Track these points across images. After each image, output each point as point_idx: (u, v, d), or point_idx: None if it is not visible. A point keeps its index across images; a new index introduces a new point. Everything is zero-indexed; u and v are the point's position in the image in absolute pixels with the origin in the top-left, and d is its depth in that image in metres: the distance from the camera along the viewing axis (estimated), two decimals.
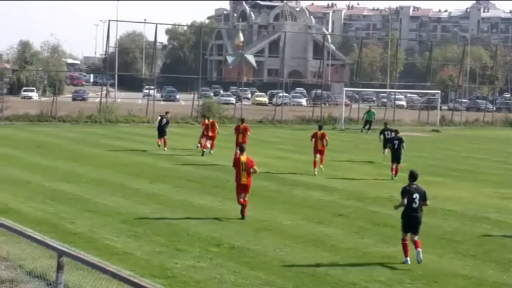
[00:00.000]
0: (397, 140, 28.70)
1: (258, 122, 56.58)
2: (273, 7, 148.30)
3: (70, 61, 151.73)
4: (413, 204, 15.24)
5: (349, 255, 15.84)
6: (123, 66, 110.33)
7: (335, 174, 29.08)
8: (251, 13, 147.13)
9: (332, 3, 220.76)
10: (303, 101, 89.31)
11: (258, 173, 20.05)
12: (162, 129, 36.12)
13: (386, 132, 32.56)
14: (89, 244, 15.66)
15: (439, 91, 70.06)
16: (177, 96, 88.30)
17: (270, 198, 22.94)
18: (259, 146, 35.90)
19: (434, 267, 15.22)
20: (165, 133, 35.97)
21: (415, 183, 15.42)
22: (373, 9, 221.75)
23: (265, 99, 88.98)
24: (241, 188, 19.25)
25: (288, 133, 51.41)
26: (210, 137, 34.32)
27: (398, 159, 28.34)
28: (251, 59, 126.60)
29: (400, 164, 28.30)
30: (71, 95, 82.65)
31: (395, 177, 27.97)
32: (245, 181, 19.21)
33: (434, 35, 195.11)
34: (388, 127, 33.63)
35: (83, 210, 19.61)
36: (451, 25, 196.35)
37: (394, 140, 28.92)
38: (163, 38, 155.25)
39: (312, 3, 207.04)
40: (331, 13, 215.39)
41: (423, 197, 15.32)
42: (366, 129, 53.69)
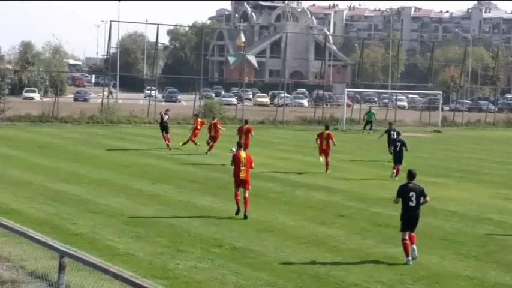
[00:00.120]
0: (399, 142, 29.08)
1: (260, 123, 56.56)
2: (275, 8, 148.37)
3: (72, 62, 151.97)
4: (410, 203, 15.43)
5: (351, 256, 15.83)
6: (124, 67, 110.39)
7: (337, 175, 29.06)
8: (252, 14, 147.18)
9: (333, 3, 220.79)
10: (305, 102, 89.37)
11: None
12: (166, 125, 37.17)
13: (392, 132, 32.95)
14: (91, 245, 15.66)
15: (441, 92, 70.02)
16: (179, 97, 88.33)
17: (272, 199, 22.93)
18: (261, 147, 35.88)
19: (436, 268, 15.21)
20: (168, 130, 37.12)
21: (413, 182, 15.59)
22: (374, 9, 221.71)
23: (266, 100, 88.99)
24: (239, 182, 19.50)
25: (290, 134, 51.42)
26: (213, 137, 34.60)
27: (400, 160, 28.66)
28: (252, 60, 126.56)
29: (402, 165, 28.32)
30: (73, 96, 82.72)
31: (396, 177, 27.97)
32: (244, 176, 19.49)
33: (435, 36, 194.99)
34: (393, 127, 33.98)
35: (85, 211, 19.61)
36: (453, 26, 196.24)
37: (397, 142, 29.36)
38: (164, 39, 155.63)
39: (314, 3, 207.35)
40: (332, 14, 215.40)
41: (421, 195, 15.48)
42: (368, 129, 53.94)
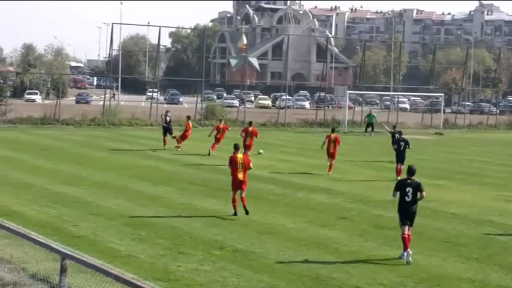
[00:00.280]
0: (403, 142, 29.43)
1: (262, 125, 56.53)
2: (277, 10, 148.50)
3: (73, 64, 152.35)
4: (406, 197, 15.83)
5: (352, 258, 15.82)
6: (126, 69, 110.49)
7: (338, 177, 29.07)
8: (254, 16, 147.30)
9: (335, 6, 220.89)
10: (306, 104, 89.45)
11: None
12: (170, 128, 37.81)
13: (395, 134, 33.07)
14: (92, 247, 15.66)
15: (443, 94, 70.09)
16: (181, 99, 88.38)
17: (273, 201, 22.92)
18: (262, 149, 35.86)
19: (437, 270, 15.20)
20: (172, 131, 37.92)
21: (412, 178, 15.96)
22: (376, 12, 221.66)
23: (268, 102, 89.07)
24: (236, 184, 19.79)
25: (292, 136, 51.43)
26: (218, 140, 35.19)
27: (402, 160, 28.92)
28: (254, 62, 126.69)
29: (404, 165, 28.34)
30: (74, 98, 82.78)
31: (398, 177, 27.96)
32: (241, 177, 19.80)
33: (437, 38, 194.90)
34: (397, 129, 34.04)
35: (86, 213, 19.62)
36: (455, 28, 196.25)
37: (400, 142, 29.64)
38: (166, 41, 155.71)
39: (316, 6, 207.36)
40: (334, 16, 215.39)
41: (417, 190, 15.81)
42: (369, 131, 54.05)
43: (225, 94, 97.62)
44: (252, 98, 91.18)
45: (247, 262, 15.10)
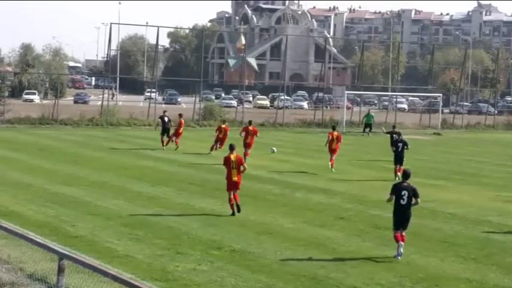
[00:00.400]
0: (401, 143, 29.48)
1: (260, 125, 56.33)
2: (275, 10, 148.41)
3: (72, 64, 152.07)
4: (401, 201, 15.95)
5: (350, 258, 15.82)
6: (124, 69, 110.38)
7: (337, 177, 29.09)
8: (253, 16, 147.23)
9: (334, 6, 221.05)
10: (305, 104, 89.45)
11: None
12: (168, 128, 37.75)
13: (394, 135, 33.04)
14: (90, 247, 15.66)
15: (441, 94, 70.09)
16: (179, 99, 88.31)
17: (271, 201, 22.92)
18: (261, 149, 35.90)
19: (435, 270, 15.21)
20: (169, 131, 37.82)
21: (407, 181, 16.13)
22: (374, 12, 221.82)
23: (266, 102, 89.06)
24: (231, 185, 20.06)
25: (290, 136, 51.44)
26: (220, 139, 35.42)
27: (401, 161, 28.97)
28: (253, 62, 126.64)
29: (403, 166, 28.34)
30: (73, 98, 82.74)
31: (397, 178, 27.96)
32: (235, 179, 20.05)
33: (436, 38, 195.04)
34: (396, 130, 34.03)
35: (84, 213, 19.61)
36: (453, 28, 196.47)
37: (398, 143, 29.69)
38: (165, 41, 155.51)
39: (314, 6, 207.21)
40: (333, 16, 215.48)
41: (413, 195, 15.92)
42: (367, 132, 54.15)
43: (223, 94, 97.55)
44: (250, 98, 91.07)
45: (245, 262, 15.11)
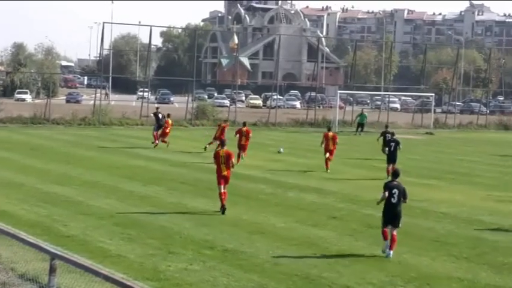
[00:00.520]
0: (394, 142, 29.67)
1: (252, 125, 56.40)
2: (268, 10, 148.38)
3: (64, 63, 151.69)
4: (392, 199, 16.12)
5: (342, 257, 15.84)
6: (117, 68, 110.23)
7: (329, 176, 29.11)
8: (246, 16, 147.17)
9: (327, 6, 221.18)
10: (297, 104, 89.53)
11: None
12: (162, 124, 37.99)
13: (387, 135, 33.16)
14: (82, 247, 15.62)
15: (433, 94, 70.25)
16: (171, 98, 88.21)
17: (264, 200, 22.91)
18: (253, 149, 35.86)
19: (427, 269, 15.23)
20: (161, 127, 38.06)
21: (397, 180, 16.40)
22: (367, 12, 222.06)
23: (259, 101, 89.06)
24: (221, 179, 20.42)
25: (282, 135, 51.45)
26: (219, 138, 35.39)
27: (393, 160, 29.00)
28: (245, 62, 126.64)
29: (395, 166, 28.43)
30: (65, 98, 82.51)
31: (389, 177, 28.06)
32: (225, 173, 20.43)
33: (428, 38, 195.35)
34: (388, 130, 34.18)
35: (76, 212, 19.57)
36: (446, 28, 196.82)
37: (391, 142, 29.91)
38: (157, 41, 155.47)
39: (307, 6, 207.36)
40: (325, 16, 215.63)
41: (402, 194, 16.18)
42: (359, 131, 54.34)
43: (216, 94, 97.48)
44: (243, 98, 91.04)
45: (237, 262, 15.10)
